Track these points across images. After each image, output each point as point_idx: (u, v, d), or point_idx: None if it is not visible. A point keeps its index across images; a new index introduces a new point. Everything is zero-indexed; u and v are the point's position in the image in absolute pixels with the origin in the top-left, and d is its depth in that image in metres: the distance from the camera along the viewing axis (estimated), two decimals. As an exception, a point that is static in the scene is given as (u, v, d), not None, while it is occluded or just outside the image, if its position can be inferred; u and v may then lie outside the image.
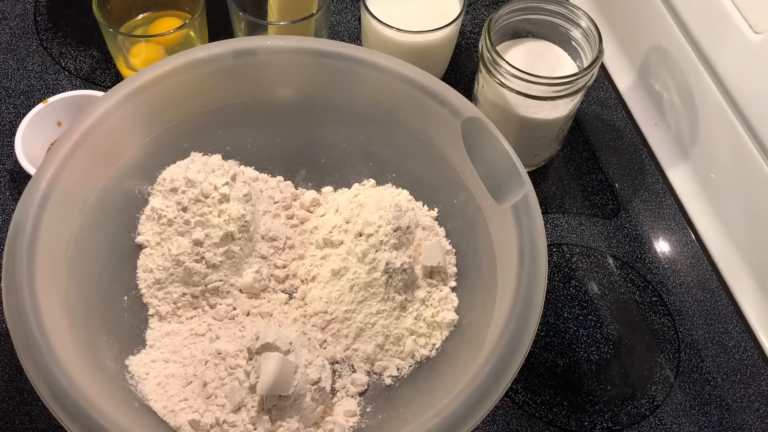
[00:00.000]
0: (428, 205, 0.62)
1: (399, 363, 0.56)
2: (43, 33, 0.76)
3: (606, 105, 0.76)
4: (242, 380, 0.51)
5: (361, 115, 0.60)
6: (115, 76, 0.74)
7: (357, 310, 0.56)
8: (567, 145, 0.73)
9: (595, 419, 0.59)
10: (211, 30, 0.72)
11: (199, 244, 0.56)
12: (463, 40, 0.79)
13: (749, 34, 0.60)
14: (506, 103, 0.64)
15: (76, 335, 0.48)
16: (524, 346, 0.46)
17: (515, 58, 0.64)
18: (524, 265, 0.49)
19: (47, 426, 0.56)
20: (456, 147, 0.55)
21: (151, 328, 0.56)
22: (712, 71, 0.64)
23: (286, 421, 0.51)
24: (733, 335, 0.64)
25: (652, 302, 0.65)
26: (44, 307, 0.46)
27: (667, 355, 0.62)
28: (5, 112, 0.71)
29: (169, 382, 0.52)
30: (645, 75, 0.75)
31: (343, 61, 0.57)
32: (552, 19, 0.65)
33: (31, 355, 0.44)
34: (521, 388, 0.60)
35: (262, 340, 0.51)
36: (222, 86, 0.58)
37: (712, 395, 0.61)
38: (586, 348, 0.62)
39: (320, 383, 0.52)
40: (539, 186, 0.70)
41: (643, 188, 0.71)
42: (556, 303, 0.64)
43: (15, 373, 0.58)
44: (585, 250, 0.67)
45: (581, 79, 0.61)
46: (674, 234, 0.69)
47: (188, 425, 0.50)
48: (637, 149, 0.73)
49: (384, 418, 0.54)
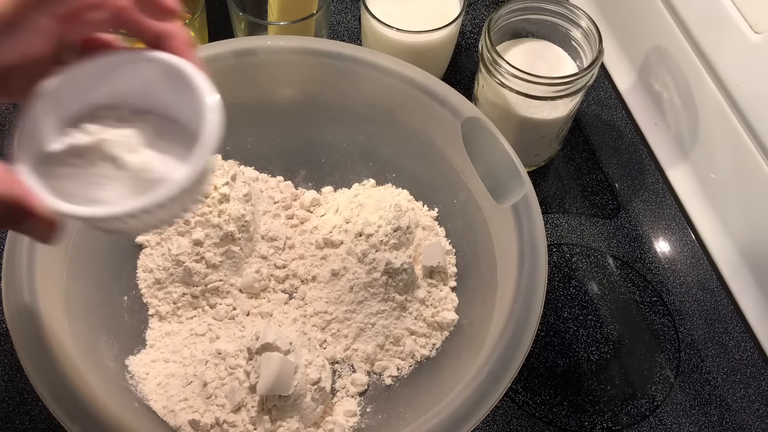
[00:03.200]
0: (428, 205, 0.62)
1: (399, 363, 0.56)
2: (43, 33, 0.76)
3: (606, 105, 0.76)
4: (242, 380, 0.51)
5: (361, 115, 0.60)
6: (115, 76, 0.74)
7: (357, 310, 0.56)
8: (567, 145, 0.73)
9: (595, 419, 0.59)
10: (211, 30, 0.72)
11: (199, 244, 0.56)
12: (463, 40, 0.79)
13: (749, 35, 0.60)
14: (506, 103, 0.64)
15: (76, 335, 0.48)
16: (524, 346, 0.46)
17: (515, 58, 0.64)
18: (524, 265, 0.49)
19: (47, 426, 0.56)
20: (456, 147, 0.55)
21: (151, 328, 0.56)
22: (713, 71, 0.64)
23: (286, 421, 0.51)
24: (733, 335, 0.64)
25: (652, 302, 0.65)
26: (44, 307, 0.46)
27: (667, 355, 0.62)
28: (5, 111, 0.71)
29: (169, 382, 0.52)
30: (645, 75, 0.75)
31: (343, 61, 0.57)
32: (552, 19, 0.65)
33: (31, 355, 0.44)
34: (521, 388, 0.60)
35: (262, 340, 0.51)
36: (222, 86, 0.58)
37: (712, 395, 0.61)
38: (586, 348, 0.62)
39: (320, 383, 0.52)
40: (539, 186, 0.70)
41: (643, 188, 0.71)
42: (556, 303, 0.64)
43: (15, 373, 0.58)
44: (585, 250, 0.67)
45: (581, 79, 0.61)
46: (674, 234, 0.69)
47: (188, 425, 0.50)
48: (637, 149, 0.73)
49: (384, 418, 0.54)
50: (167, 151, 0.36)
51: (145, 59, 0.36)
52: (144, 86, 0.36)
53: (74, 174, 0.34)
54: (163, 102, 0.37)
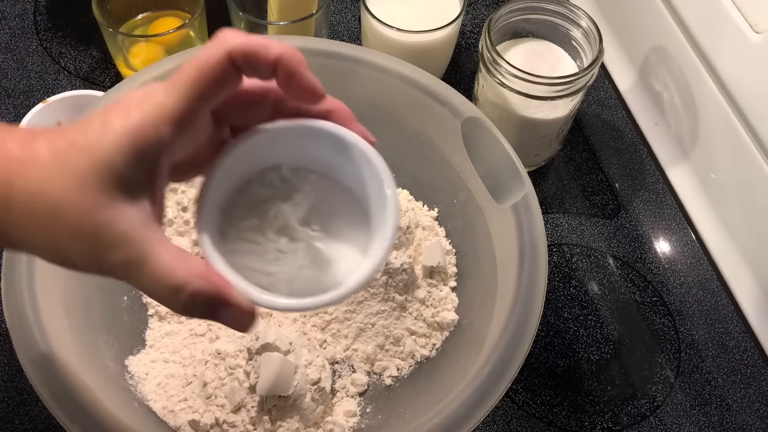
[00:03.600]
0: (428, 205, 0.62)
1: (399, 363, 0.56)
2: (43, 33, 0.76)
3: (606, 105, 0.76)
4: (242, 380, 0.51)
5: (361, 115, 0.60)
6: (114, 76, 0.74)
7: (357, 310, 0.56)
8: (567, 145, 0.73)
9: (595, 419, 0.59)
10: (211, 30, 0.72)
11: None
12: (463, 40, 0.79)
13: (750, 34, 0.60)
14: (506, 103, 0.64)
15: (76, 335, 0.48)
16: (524, 346, 0.46)
17: (515, 58, 0.64)
18: (524, 265, 0.49)
19: (47, 426, 0.56)
20: (456, 147, 0.55)
21: (150, 328, 0.56)
22: (713, 71, 0.64)
23: (286, 421, 0.51)
24: (733, 335, 0.63)
25: (653, 302, 0.65)
26: (44, 307, 0.45)
27: (668, 356, 0.62)
28: (5, 112, 0.71)
29: (168, 383, 0.52)
30: (645, 75, 0.74)
31: (343, 61, 0.57)
32: (552, 19, 0.65)
33: (31, 355, 0.43)
34: (521, 389, 0.60)
35: (262, 340, 0.51)
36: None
37: (712, 395, 0.61)
38: (587, 348, 0.62)
39: (320, 383, 0.52)
40: (539, 186, 0.70)
41: (644, 188, 0.71)
42: (557, 303, 0.64)
43: (15, 373, 0.58)
44: (585, 250, 0.67)
45: (581, 79, 0.60)
46: (674, 234, 0.69)
47: (188, 425, 0.50)
48: (637, 149, 0.73)
49: (384, 418, 0.54)
50: (335, 214, 0.37)
51: (311, 130, 0.36)
52: (303, 148, 0.37)
53: (251, 250, 0.35)
54: (319, 160, 0.37)
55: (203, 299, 0.31)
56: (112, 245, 0.30)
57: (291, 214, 0.36)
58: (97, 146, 0.30)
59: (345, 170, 0.37)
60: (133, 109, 0.30)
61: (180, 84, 0.31)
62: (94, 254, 0.30)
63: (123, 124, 0.30)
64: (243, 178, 0.36)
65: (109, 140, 0.30)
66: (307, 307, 0.34)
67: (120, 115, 0.30)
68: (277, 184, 0.36)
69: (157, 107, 0.30)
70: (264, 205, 0.36)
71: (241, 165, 0.35)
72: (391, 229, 0.34)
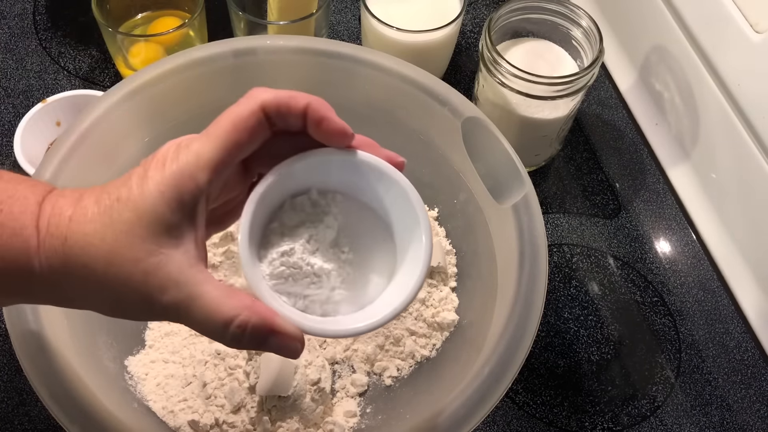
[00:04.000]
0: (428, 205, 0.62)
1: (399, 363, 0.56)
2: (42, 32, 0.76)
3: (606, 105, 0.76)
4: (242, 381, 0.51)
5: (361, 115, 0.60)
6: (114, 76, 0.74)
7: (357, 311, 0.56)
8: (567, 145, 0.73)
9: (595, 420, 0.59)
10: (211, 29, 0.72)
11: (198, 244, 0.56)
12: (463, 40, 0.78)
13: (750, 34, 0.60)
14: (507, 103, 0.63)
15: (76, 335, 0.48)
16: (525, 346, 0.46)
17: (516, 58, 0.64)
18: (524, 266, 0.48)
19: (47, 426, 0.56)
20: (456, 147, 0.55)
21: (150, 329, 0.56)
22: (713, 71, 0.64)
23: (286, 421, 0.51)
24: (733, 335, 0.63)
25: (653, 302, 0.65)
26: (44, 307, 0.45)
27: (668, 356, 0.62)
28: (4, 111, 0.71)
29: (168, 383, 0.52)
30: (646, 75, 0.74)
31: (343, 61, 0.57)
32: (552, 19, 0.65)
33: (31, 355, 0.43)
34: (522, 389, 0.60)
35: (261, 340, 0.51)
36: (222, 86, 0.58)
37: (713, 396, 0.61)
38: (587, 348, 0.62)
39: (320, 383, 0.52)
40: (539, 186, 0.70)
41: (644, 188, 0.71)
42: (557, 303, 0.64)
43: (15, 373, 0.58)
44: (585, 250, 0.67)
45: (582, 79, 0.60)
46: (675, 234, 0.69)
47: (188, 426, 0.50)
48: (637, 149, 0.73)
49: (384, 418, 0.54)
50: (361, 233, 0.38)
51: (351, 162, 0.37)
52: (329, 173, 0.37)
53: (289, 274, 0.36)
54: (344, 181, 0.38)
55: (251, 330, 0.33)
56: (163, 288, 0.32)
57: (323, 237, 0.37)
58: (139, 198, 0.32)
59: (363, 187, 0.38)
60: (170, 159, 0.33)
61: (216, 134, 0.33)
62: (146, 299, 0.32)
63: (162, 174, 0.32)
64: (275, 205, 0.37)
65: (150, 191, 0.32)
66: (351, 333, 0.35)
67: (157, 168, 0.33)
68: (307, 207, 0.37)
69: (194, 156, 0.33)
70: (297, 229, 0.37)
71: (274, 195, 0.36)
72: (425, 267, 0.36)
